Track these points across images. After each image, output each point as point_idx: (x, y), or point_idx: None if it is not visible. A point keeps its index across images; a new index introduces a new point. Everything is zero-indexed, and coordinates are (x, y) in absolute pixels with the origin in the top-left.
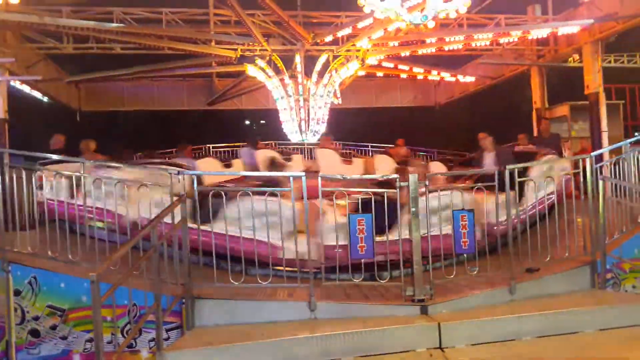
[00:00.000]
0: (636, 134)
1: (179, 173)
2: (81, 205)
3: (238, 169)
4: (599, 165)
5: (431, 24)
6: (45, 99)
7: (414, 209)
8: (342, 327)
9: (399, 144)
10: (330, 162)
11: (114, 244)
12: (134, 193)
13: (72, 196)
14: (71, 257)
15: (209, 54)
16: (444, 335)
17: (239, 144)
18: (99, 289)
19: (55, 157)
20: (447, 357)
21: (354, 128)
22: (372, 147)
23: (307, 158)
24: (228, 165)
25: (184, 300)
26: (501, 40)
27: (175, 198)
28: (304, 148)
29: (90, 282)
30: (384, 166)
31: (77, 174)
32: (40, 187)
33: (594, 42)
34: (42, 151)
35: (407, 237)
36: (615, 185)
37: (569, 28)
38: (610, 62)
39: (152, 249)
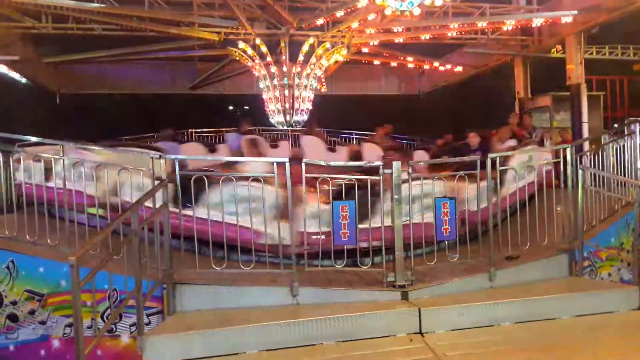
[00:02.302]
0: (615, 125)
1: (160, 157)
2: (60, 189)
3: (223, 154)
4: (579, 155)
5: (417, 11)
6: (24, 80)
7: (396, 197)
8: (324, 313)
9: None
10: (315, 149)
11: (95, 229)
12: (113, 176)
13: (48, 179)
14: (50, 241)
15: (192, 36)
16: (424, 320)
17: (223, 129)
18: (79, 273)
19: (33, 139)
20: (427, 342)
21: (338, 115)
22: (356, 134)
23: (293, 145)
24: (213, 150)
25: (165, 286)
26: (485, 30)
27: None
28: (289, 134)
29: (69, 266)
30: (371, 154)
31: (56, 156)
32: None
33: (576, 34)
34: (21, 133)
35: (389, 224)
36: (594, 175)
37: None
38: (592, 54)
39: (133, 234)
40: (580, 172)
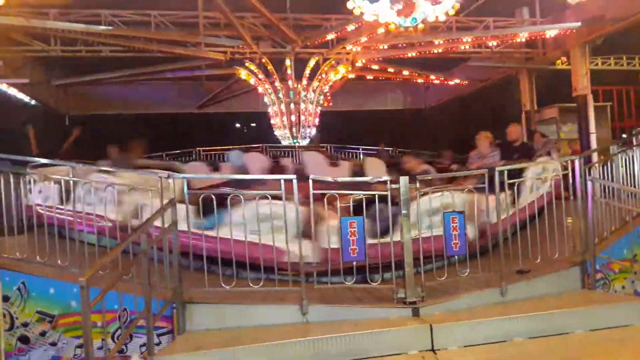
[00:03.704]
0: (623, 135)
1: (168, 177)
2: (70, 210)
3: (226, 172)
4: (588, 166)
5: (420, 27)
6: (34, 102)
7: (405, 211)
8: (334, 331)
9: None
10: (316, 165)
11: (104, 248)
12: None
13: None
14: (60, 262)
15: (198, 56)
16: (435, 337)
17: (230, 147)
18: (89, 294)
19: (44, 160)
20: (439, 359)
21: (344, 131)
22: (362, 149)
23: (296, 161)
24: (216, 169)
25: (174, 305)
26: (490, 43)
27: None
28: (294, 151)
29: (79, 287)
30: (374, 168)
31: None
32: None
33: (581, 45)
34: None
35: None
36: (604, 186)
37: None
38: (597, 64)
39: (142, 253)
40: (589, 183)
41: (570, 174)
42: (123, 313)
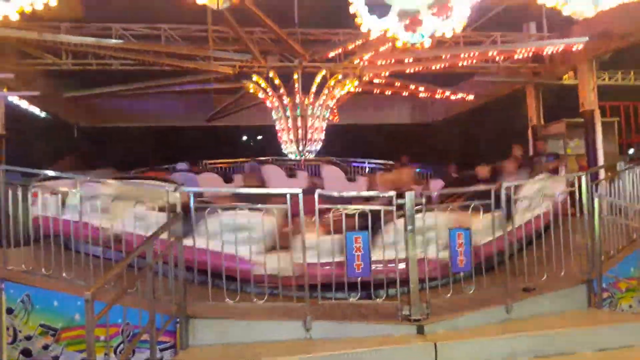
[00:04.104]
0: (630, 150)
1: (175, 190)
2: (77, 222)
3: (238, 184)
4: (594, 183)
5: (428, 43)
6: (44, 114)
7: (410, 227)
8: (338, 347)
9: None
10: (335, 180)
11: (109, 261)
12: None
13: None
14: (65, 274)
15: (207, 70)
16: (440, 355)
17: (238, 159)
18: (93, 308)
19: (50, 173)
20: None
21: (350, 144)
22: (369, 163)
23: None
24: (229, 180)
25: (178, 320)
26: (497, 58)
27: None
28: (302, 164)
29: (84, 301)
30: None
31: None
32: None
33: (588, 61)
34: (41, 167)
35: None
36: (611, 203)
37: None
38: (604, 80)
39: (148, 268)
40: (596, 200)
41: (577, 191)
42: (126, 327)
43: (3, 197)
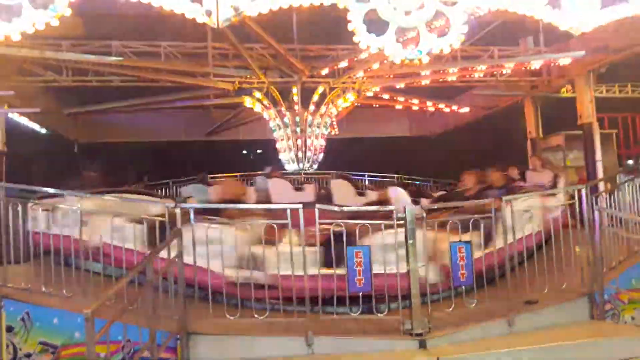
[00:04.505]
0: (628, 161)
1: (175, 206)
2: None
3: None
4: (594, 195)
5: (425, 59)
6: (44, 130)
7: (411, 241)
8: None
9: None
10: (344, 194)
11: (109, 277)
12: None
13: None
14: (65, 291)
15: (207, 86)
16: None
17: (238, 174)
18: (94, 325)
19: (51, 190)
20: None
21: (349, 158)
22: (368, 177)
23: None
24: (299, 189)
25: (179, 336)
26: (495, 72)
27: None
28: (302, 178)
29: (84, 319)
30: (344, 193)
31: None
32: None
33: (585, 73)
34: (41, 183)
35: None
36: (612, 215)
37: (563, 60)
38: (602, 92)
39: (148, 284)
40: (596, 213)
41: (577, 203)
42: (127, 344)
43: (3, 214)
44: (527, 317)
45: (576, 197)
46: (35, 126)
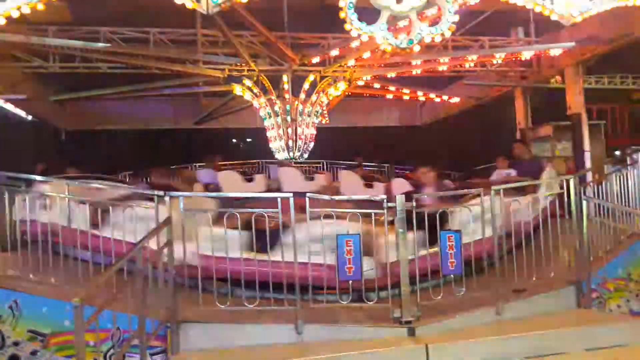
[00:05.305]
0: (616, 152)
1: (165, 195)
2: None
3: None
4: (582, 185)
5: (417, 48)
6: (30, 117)
7: (401, 230)
8: (329, 350)
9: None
10: (352, 185)
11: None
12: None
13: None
14: (54, 279)
15: (196, 73)
16: (431, 357)
17: (226, 162)
18: (83, 313)
19: (39, 178)
20: None
21: (340, 147)
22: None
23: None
24: (249, 180)
25: (168, 324)
26: (485, 62)
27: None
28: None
29: (73, 307)
30: (351, 183)
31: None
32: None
33: (575, 64)
34: (27, 171)
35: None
36: (599, 205)
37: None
38: (591, 83)
39: (138, 273)
40: (584, 202)
41: (565, 193)
42: (116, 332)
43: None
44: (514, 305)
45: (565, 187)
46: (22, 113)
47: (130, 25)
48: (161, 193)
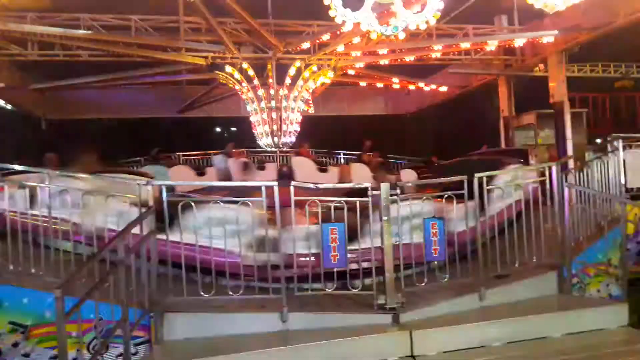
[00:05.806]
0: (597, 140)
1: (147, 183)
2: (45, 217)
3: (211, 177)
4: (564, 172)
5: (402, 35)
6: (9, 106)
7: (385, 217)
8: (314, 338)
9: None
10: (306, 170)
11: (79, 256)
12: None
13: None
14: (34, 270)
15: (179, 61)
16: (415, 343)
17: (211, 152)
18: (64, 304)
19: (18, 167)
20: None
21: (325, 136)
22: (344, 154)
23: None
24: (202, 174)
25: (152, 314)
26: (469, 50)
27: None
28: (277, 156)
29: (54, 298)
30: (361, 174)
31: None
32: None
33: (558, 53)
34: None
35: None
36: (580, 192)
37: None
38: (574, 72)
39: (119, 262)
40: (566, 189)
41: (547, 180)
42: (99, 322)
43: None
44: (497, 291)
45: (547, 174)
46: (0, 102)
47: (112, 12)
48: (143, 181)
